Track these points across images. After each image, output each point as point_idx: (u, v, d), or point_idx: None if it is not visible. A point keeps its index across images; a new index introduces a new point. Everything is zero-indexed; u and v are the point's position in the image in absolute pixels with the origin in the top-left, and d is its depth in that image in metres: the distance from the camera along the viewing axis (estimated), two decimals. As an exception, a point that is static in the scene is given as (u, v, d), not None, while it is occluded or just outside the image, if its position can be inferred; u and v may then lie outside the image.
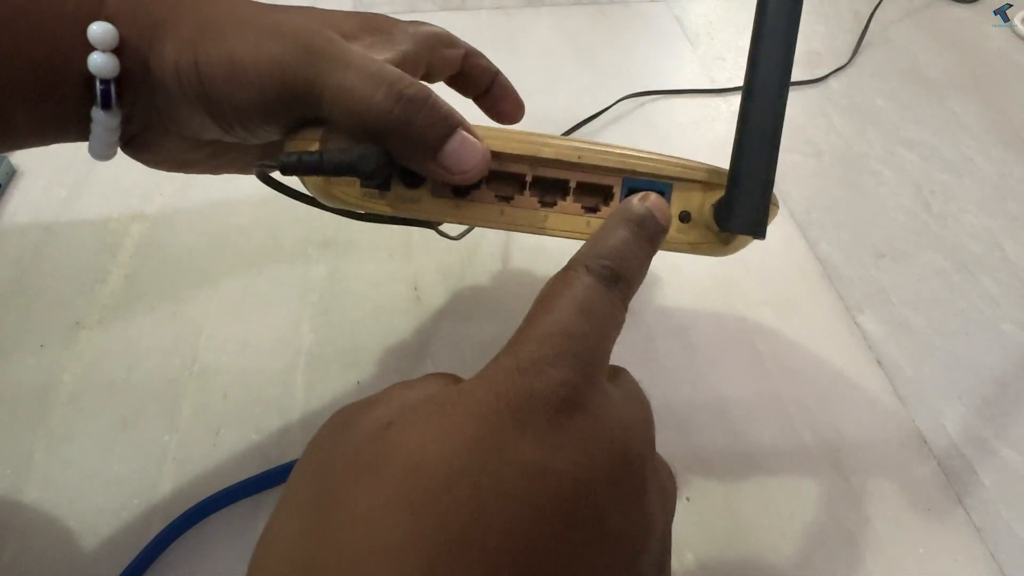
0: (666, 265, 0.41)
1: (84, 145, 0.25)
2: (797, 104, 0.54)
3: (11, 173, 0.45)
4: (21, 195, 0.44)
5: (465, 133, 0.23)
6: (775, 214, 0.26)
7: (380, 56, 0.24)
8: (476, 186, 0.25)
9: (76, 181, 0.45)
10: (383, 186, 0.25)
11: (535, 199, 0.26)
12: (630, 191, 0.25)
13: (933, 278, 0.41)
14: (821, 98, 0.55)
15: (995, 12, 0.64)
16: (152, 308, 0.38)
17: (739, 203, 0.24)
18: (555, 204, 0.26)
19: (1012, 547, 0.30)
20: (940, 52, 0.60)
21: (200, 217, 0.43)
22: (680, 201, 0.26)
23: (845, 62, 0.58)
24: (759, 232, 0.24)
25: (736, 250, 0.27)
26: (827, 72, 0.56)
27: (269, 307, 0.38)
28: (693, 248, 0.26)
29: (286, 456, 0.32)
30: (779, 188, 0.46)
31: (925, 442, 0.33)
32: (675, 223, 0.26)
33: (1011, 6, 0.64)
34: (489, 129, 0.25)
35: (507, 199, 0.25)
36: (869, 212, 0.45)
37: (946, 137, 0.51)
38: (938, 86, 0.56)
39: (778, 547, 0.30)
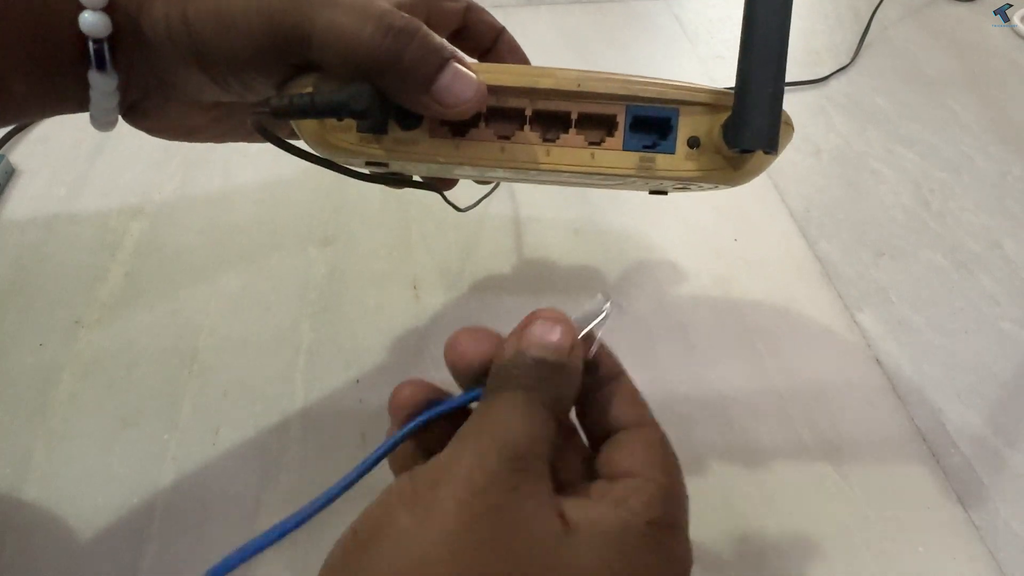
0: (665, 264, 0.41)
1: (84, 143, 0.25)
2: (796, 103, 0.54)
3: (10, 172, 0.45)
4: (20, 193, 0.44)
5: (458, 65, 0.23)
6: (789, 135, 0.25)
7: None
8: (475, 124, 0.24)
9: (75, 179, 0.45)
10: (379, 129, 0.24)
11: (536, 134, 0.25)
12: (635, 119, 0.25)
13: (932, 276, 0.41)
14: (820, 97, 0.55)
15: (995, 12, 0.64)
16: (151, 307, 0.38)
17: (748, 117, 0.23)
18: (557, 139, 0.25)
19: (1011, 545, 0.30)
20: (940, 51, 0.60)
21: (200, 215, 0.43)
22: (687, 126, 0.25)
23: (847, 62, 0.58)
24: (771, 146, 0.23)
25: (749, 176, 0.26)
26: (828, 72, 0.56)
27: (268, 305, 0.38)
28: (704, 176, 0.25)
29: (285, 454, 0.32)
30: (778, 186, 0.46)
31: (924, 440, 0.33)
32: (684, 150, 0.25)
33: (1011, 6, 0.64)
34: (485, 64, 0.24)
35: (507, 136, 0.25)
36: (868, 211, 0.45)
37: (945, 136, 0.51)
38: (938, 85, 0.56)
39: (778, 546, 0.30)
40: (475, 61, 0.24)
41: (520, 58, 0.31)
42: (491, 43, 0.30)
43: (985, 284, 0.41)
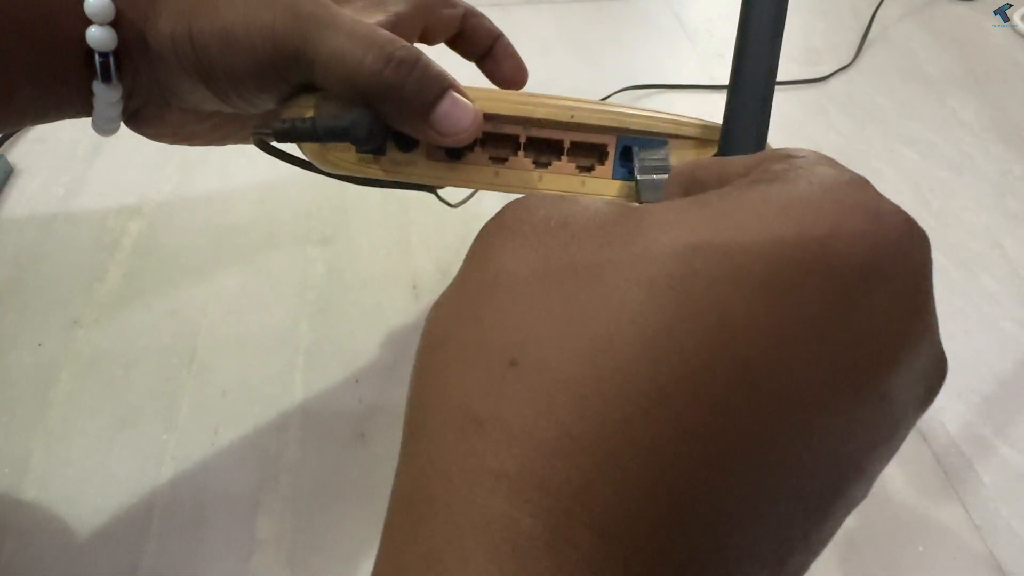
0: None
1: (82, 143, 0.25)
2: (796, 102, 0.54)
3: (9, 171, 0.45)
4: (19, 193, 0.44)
5: (456, 95, 0.23)
6: None
7: (372, 19, 0.24)
8: (470, 148, 0.25)
9: (74, 179, 0.44)
10: (378, 150, 0.25)
11: (529, 160, 0.25)
12: (624, 149, 0.26)
13: (933, 276, 0.41)
14: (820, 96, 0.54)
15: (995, 12, 0.64)
16: (150, 307, 0.37)
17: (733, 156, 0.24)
18: (549, 164, 0.25)
19: (1011, 545, 0.30)
20: (940, 51, 0.60)
21: (198, 215, 0.43)
22: (675, 159, 0.26)
23: (848, 62, 0.57)
24: None
25: None
26: (830, 72, 0.56)
27: (267, 306, 0.38)
28: None
29: (284, 454, 0.32)
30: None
31: (924, 440, 0.33)
32: None
33: (1011, 6, 0.64)
34: (482, 90, 0.25)
35: (501, 160, 0.25)
36: (869, 210, 0.45)
37: (946, 135, 0.51)
38: (938, 84, 0.56)
39: (777, 545, 0.30)
40: (474, 86, 0.25)
41: (516, 63, 0.31)
42: (488, 48, 0.30)
43: (986, 283, 0.40)
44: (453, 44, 0.30)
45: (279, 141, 0.23)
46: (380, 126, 0.23)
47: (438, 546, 0.11)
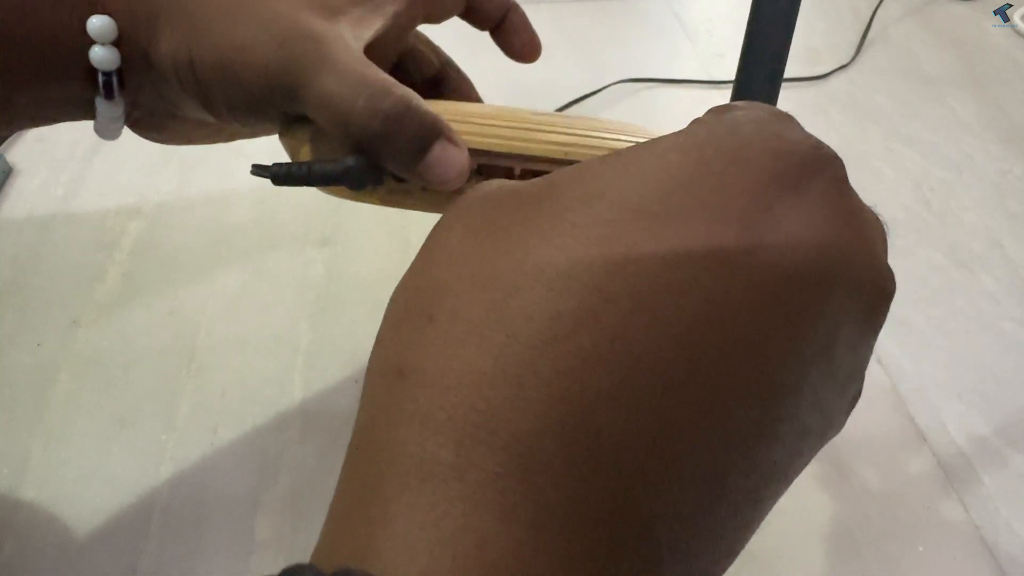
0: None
1: (81, 143, 0.25)
2: (795, 101, 0.54)
3: (7, 171, 0.44)
4: (18, 193, 0.43)
5: (446, 143, 0.23)
6: None
7: (370, 29, 0.24)
8: (467, 179, 0.25)
9: (73, 179, 0.44)
10: (376, 181, 0.25)
11: None
12: None
13: (933, 276, 0.41)
14: (820, 96, 0.54)
15: (995, 12, 0.64)
16: (149, 307, 0.37)
17: None
18: None
19: (1011, 545, 0.30)
20: (940, 50, 0.60)
21: (198, 215, 0.43)
22: None
23: (848, 60, 0.57)
24: None
25: None
26: (829, 70, 0.56)
27: (267, 306, 0.38)
28: None
29: (284, 455, 0.32)
30: (778, 186, 0.46)
31: (925, 440, 0.33)
32: None
33: (1011, 5, 0.64)
34: (476, 122, 0.24)
35: None
36: (869, 210, 0.45)
37: (946, 135, 0.51)
38: (938, 84, 0.56)
39: (777, 546, 0.30)
40: (470, 112, 0.24)
41: (528, 37, 0.31)
42: (499, 20, 0.30)
43: (986, 283, 0.40)
44: (464, 16, 0.30)
45: (275, 183, 0.23)
46: (374, 168, 0.23)
47: (365, 484, 0.13)
